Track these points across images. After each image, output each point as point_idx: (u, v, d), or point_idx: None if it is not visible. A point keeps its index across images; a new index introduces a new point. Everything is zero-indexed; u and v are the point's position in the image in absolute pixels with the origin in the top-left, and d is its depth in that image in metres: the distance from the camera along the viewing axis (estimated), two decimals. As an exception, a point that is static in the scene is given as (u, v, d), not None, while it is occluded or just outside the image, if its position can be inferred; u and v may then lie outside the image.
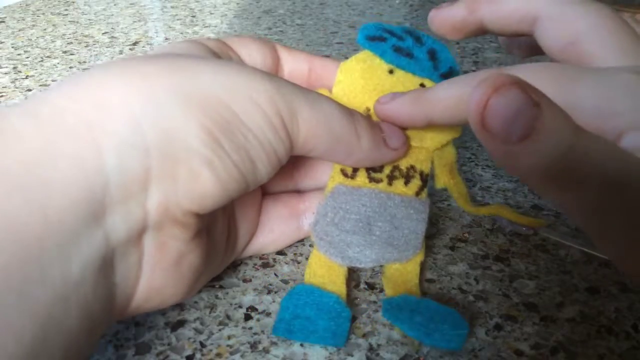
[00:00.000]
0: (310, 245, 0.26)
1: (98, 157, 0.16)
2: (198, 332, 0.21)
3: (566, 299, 0.23)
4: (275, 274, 0.24)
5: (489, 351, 0.20)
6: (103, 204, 0.16)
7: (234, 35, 0.24)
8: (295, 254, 0.25)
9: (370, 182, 0.24)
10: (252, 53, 0.24)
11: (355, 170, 0.24)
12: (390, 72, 0.25)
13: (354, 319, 0.22)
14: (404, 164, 0.25)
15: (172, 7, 0.74)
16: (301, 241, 0.26)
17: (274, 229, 0.25)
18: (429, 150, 0.25)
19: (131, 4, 0.75)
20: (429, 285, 0.23)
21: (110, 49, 0.55)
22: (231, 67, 0.19)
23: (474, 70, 0.49)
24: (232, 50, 0.23)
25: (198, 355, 0.20)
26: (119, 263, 0.17)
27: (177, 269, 0.19)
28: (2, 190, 0.14)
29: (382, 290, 0.23)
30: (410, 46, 0.25)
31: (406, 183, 0.25)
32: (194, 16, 0.69)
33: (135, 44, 0.57)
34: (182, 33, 0.61)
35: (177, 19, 0.67)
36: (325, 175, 0.25)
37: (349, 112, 0.22)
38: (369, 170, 0.24)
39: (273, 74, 0.21)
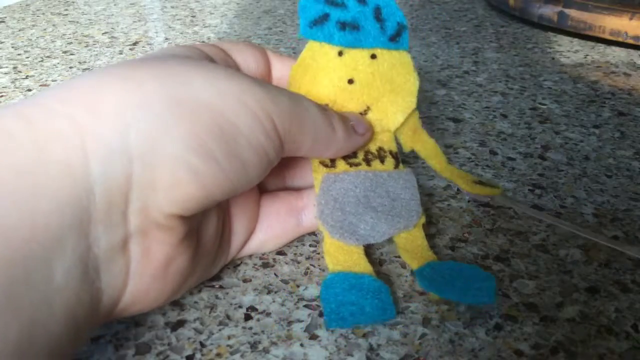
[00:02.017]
0: (310, 245, 0.26)
1: (85, 163, 0.16)
2: (198, 332, 0.21)
3: (566, 299, 0.23)
4: (275, 274, 0.24)
5: (489, 351, 0.20)
6: (88, 211, 0.16)
7: (228, 40, 0.24)
8: (295, 254, 0.25)
9: (350, 166, 0.25)
10: (247, 59, 0.24)
11: (332, 160, 0.25)
12: (340, 54, 0.25)
13: (354, 319, 0.22)
14: (373, 148, 0.26)
15: (172, 7, 0.74)
16: (301, 241, 0.26)
17: (273, 225, 0.25)
18: (390, 131, 0.27)
19: (131, 4, 0.75)
20: (429, 285, 0.23)
21: (110, 49, 0.55)
22: (222, 72, 0.19)
23: (474, 71, 0.49)
24: (229, 56, 0.24)
25: (198, 355, 0.20)
26: (105, 270, 0.17)
27: (165, 274, 0.19)
28: None
29: (382, 290, 0.23)
30: (354, 15, 0.25)
31: (382, 162, 0.26)
32: (194, 16, 0.69)
33: (135, 44, 0.57)
34: (182, 33, 0.61)
35: (177, 19, 0.67)
36: (306, 175, 0.26)
37: (323, 108, 0.23)
38: (344, 158, 0.25)
39: (261, 79, 0.21)
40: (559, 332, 0.21)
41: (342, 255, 0.23)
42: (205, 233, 0.21)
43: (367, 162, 0.26)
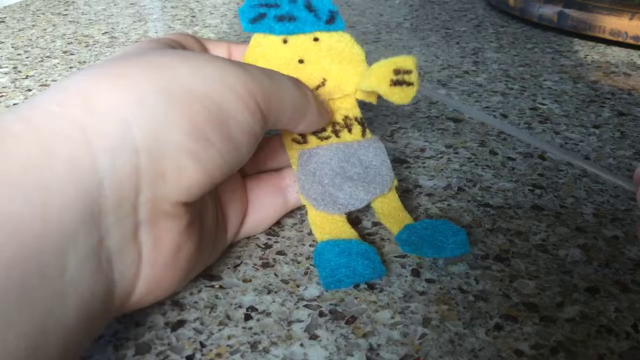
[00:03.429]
0: (310, 245, 0.26)
1: (92, 159, 0.16)
2: (198, 332, 0.21)
3: (566, 299, 0.23)
4: (275, 274, 0.24)
5: (489, 351, 0.20)
6: (98, 203, 0.16)
7: (158, 37, 0.25)
8: (295, 254, 0.25)
9: (321, 140, 0.27)
10: (192, 47, 0.26)
11: (303, 136, 0.27)
12: (285, 42, 0.27)
13: (354, 319, 0.22)
14: (339, 118, 0.28)
15: (172, 7, 0.74)
16: (301, 241, 0.26)
17: (264, 205, 0.26)
18: (351, 95, 0.28)
19: (131, 4, 0.75)
20: (429, 285, 0.23)
21: (110, 49, 0.55)
22: (203, 58, 0.20)
23: (474, 71, 0.49)
24: (179, 45, 0.25)
25: (198, 355, 0.20)
26: (117, 260, 0.17)
27: (175, 260, 0.20)
28: (4, 192, 0.15)
29: (382, 290, 0.23)
30: (288, 10, 0.28)
31: (350, 131, 0.28)
32: (194, 16, 0.69)
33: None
34: (182, 33, 0.61)
35: (177, 19, 0.67)
36: (280, 157, 0.28)
37: (297, 80, 0.24)
38: (314, 133, 0.27)
39: (238, 61, 0.22)
40: (559, 332, 0.21)
41: (327, 225, 0.25)
42: (206, 219, 0.22)
43: (336, 133, 0.27)
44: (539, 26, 0.63)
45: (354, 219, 0.28)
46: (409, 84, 0.26)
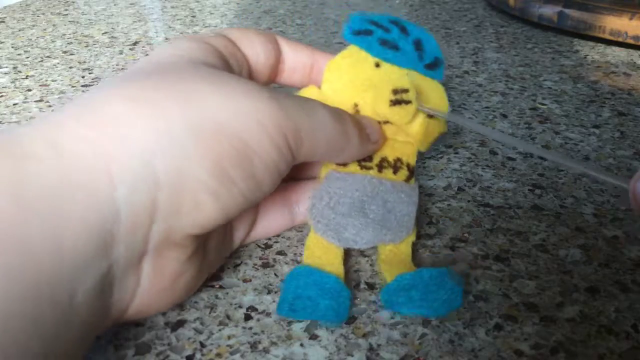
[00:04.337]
0: (310, 245, 0.26)
1: (111, 189, 0.16)
2: (198, 332, 0.21)
3: (566, 299, 0.23)
4: (275, 274, 0.24)
5: (489, 351, 0.20)
6: (112, 233, 0.16)
7: (237, 29, 0.24)
8: (295, 254, 0.25)
9: (361, 169, 0.26)
10: (256, 50, 0.24)
11: None
12: (377, 65, 0.26)
13: (354, 319, 0.22)
14: (391, 156, 0.26)
15: (172, 7, 0.74)
16: (301, 241, 0.26)
17: (271, 219, 0.25)
18: (413, 144, 0.27)
19: (131, 4, 0.75)
20: (429, 285, 0.23)
21: (110, 49, 0.55)
22: (238, 89, 0.19)
23: (474, 71, 0.49)
24: (237, 49, 0.23)
25: (198, 355, 0.20)
26: (118, 285, 0.17)
27: (172, 288, 0.20)
28: (22, 218, 0.14)
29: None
30: (395, 38, 0.26)
31: (394, 172, 0.26)
32: (194, 16, 0.69)
33: (135, 44, 0.57)
34: (182, 33, 0.61)
35: (177, 19, 0.67)
36: (316, 167, 0.26)
37: (339, 116, 0.23)
38: (359, 160, 0.26)
39: (275, 91, 0.21)
40: (559, 332, 0.21)
41: (318, 250, 0.24)
42: (211, 243, 0.22)
43: (380, 168, 0.26)
44: (539, 26, 0.63)
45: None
46: (407, 102, 0.25)
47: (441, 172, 0.32)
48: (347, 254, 0.25)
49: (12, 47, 0.56)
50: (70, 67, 0.50)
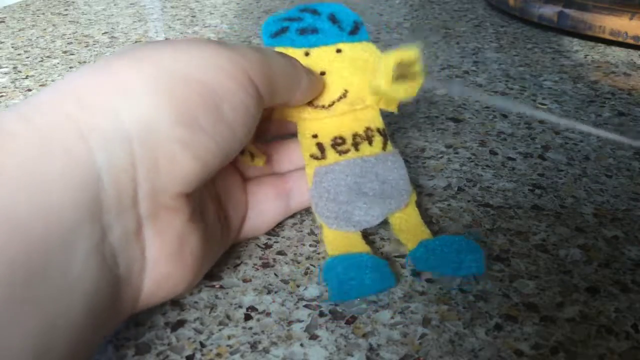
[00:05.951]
0: (310, 245, 0.26)
1: (89, 152, 0.16)
2: (198, 332, 0.21)
3: (566, 299, 0.23)
4: (275, 274, 0.24)
5: (489, 351, 0.20)
6: (98, 199, 0.16)
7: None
8: (295, 254, 0.25)
9: (340, 155, 0.26)
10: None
11: (322, 151, 0.26)
12: (306, 54, 0.27)
13: (354, 319, 0.22)
14: (360, 129, 0.27)
15: (172, 7, 0.74)
16: (301, 241, 0.26)
17: (264, 211, 0.26)
18: (373, 106, 0.28)
19: (131, 4, 0.75)
20: (429, 285, 0.23)
21: (110, 49, 0.55)
22: (190, 43, 0.20)
23: (474, 71, 0.49)
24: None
25: (198, 355, 0.20)
26: (121, 256, 0.17)
27: (180, 254, 0.20)
28: (5, 191, 0.15)
29: (382, 290, 0.23)
30: (310, 22, 0.27)
31: (370, 143, 0.27)
32: (194, 16, 0.69)
33: (135, 44, 0.57)
34: (182, 33, 0.61)
35: (177, 19, 0.67)
36: (301, 156, 0.27)
37: (286, 54, 0.24)
38: (334, 146, 0.27)
39: (223, 41, 0.22)
40: (559, 332, 0.21)
41: (340, 241, 0.24)
42: (207, 216, 0.22)
43: (356, 146, 0.27)
44: (539, 26, 0.63)
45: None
46: (414, 77, 0.25)
47: (441, 172, 0.32)
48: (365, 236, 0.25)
49: (12, 47, 0.56)
50: (70, 67, 0.50)
